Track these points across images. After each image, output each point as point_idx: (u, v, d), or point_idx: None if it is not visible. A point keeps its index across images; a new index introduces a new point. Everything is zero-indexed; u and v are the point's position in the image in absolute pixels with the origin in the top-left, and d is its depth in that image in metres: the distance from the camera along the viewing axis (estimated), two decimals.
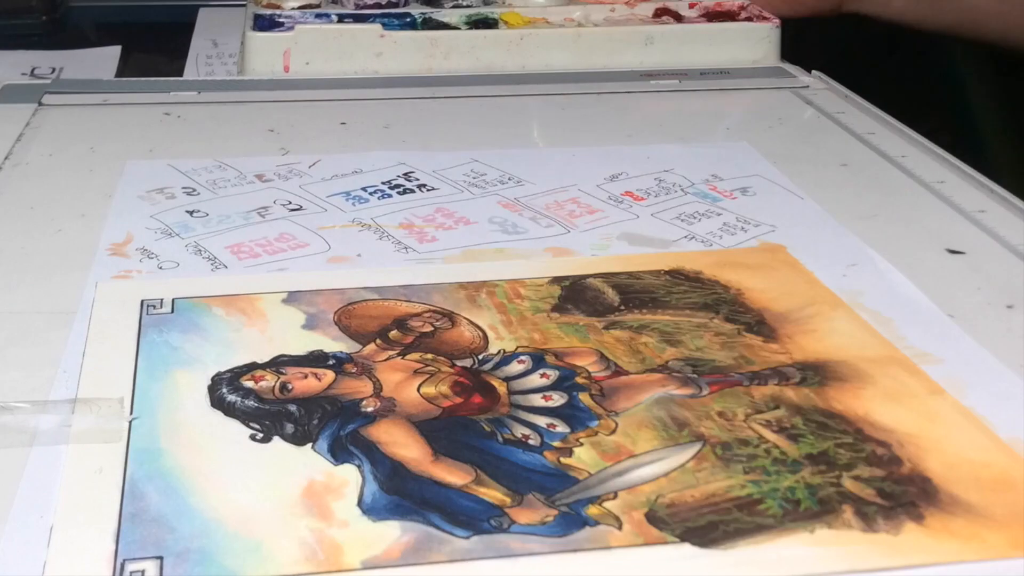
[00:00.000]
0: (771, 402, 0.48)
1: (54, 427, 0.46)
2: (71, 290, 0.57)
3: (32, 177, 0.72)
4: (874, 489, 0.43)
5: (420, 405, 0.48)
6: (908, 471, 0.44)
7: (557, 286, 0.58)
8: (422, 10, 0.98)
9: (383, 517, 0.41)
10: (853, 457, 0.45)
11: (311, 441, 0.45)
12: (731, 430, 0.46)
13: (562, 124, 0.85)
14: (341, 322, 0.54)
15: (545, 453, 0.45)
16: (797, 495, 0.43)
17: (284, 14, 0.97)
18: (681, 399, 0.49)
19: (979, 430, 0.47)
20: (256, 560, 0.39)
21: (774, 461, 0.45)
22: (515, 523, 0.41)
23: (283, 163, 0.74)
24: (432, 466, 0.44)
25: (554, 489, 0.43)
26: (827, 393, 0.49)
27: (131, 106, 0.85)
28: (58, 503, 0.42)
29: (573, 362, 0.51)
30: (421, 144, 0.78)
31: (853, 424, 0.47)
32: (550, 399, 0.49)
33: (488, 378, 0.50)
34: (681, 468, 0.44)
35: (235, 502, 0.42)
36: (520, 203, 0.69)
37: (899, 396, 0.49)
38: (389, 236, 0.64)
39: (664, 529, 0.41)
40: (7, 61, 1.03)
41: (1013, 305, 0.58)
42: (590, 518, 0.41)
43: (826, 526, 0.41)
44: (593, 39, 0.95)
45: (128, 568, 0.39)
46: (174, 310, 0.55)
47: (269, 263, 0.61)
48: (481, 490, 0.43)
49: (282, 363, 0.51)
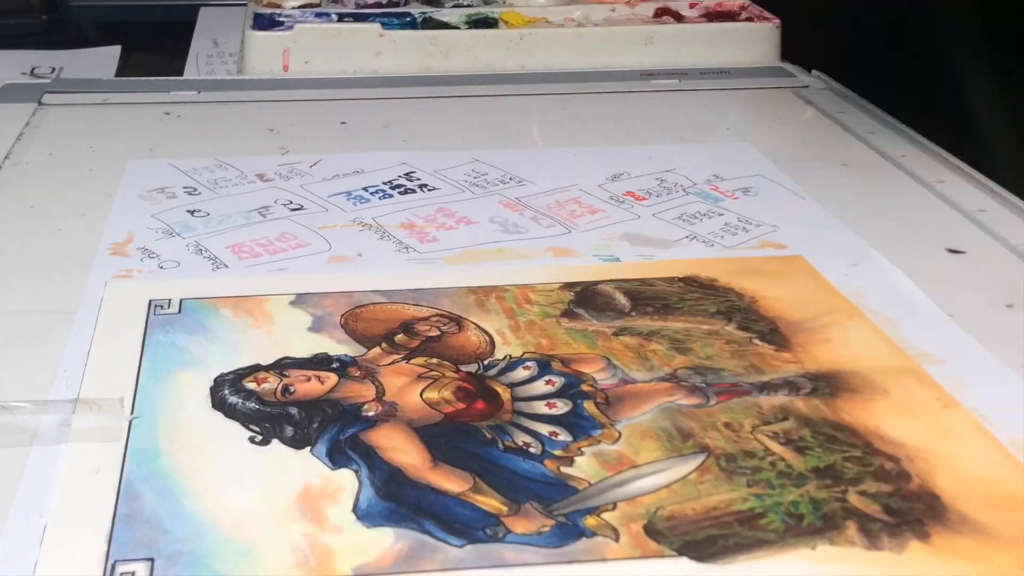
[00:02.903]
0: (780, 413, 0.48)
1: (54, 426, 0.46)
2: (72, 290, 0.57)
3: (32, 176, 0.72)
4: (880, 505, 0.42)
5: (422, 410, 0.48)
6: (916, 487, 0.43)
7: (568, 291, 0.57)
8: (422, 9, 0.98)
9: (378, 524, 0.41)
10: (860, 471, 0.44)
11: (310, 445, 0.45)
12: (737, 441, 0.46)
13: (563, 124, 0.85)
14: (347, 325, 0.54)
15: (546, 462, 0.45)
16: (800, 510, 0.42)
17: (284, 13, 0.97)
18: (687, 409, 0.48)
19: (992, 446, 0.46)
20: (247, 565, 0.39)
21: (779, 474, 0.44)
22: (511, 532, 0.41)
23: (284, 163, 0.74)
24: (430, 472, 0.44)
25: (552, 499, 0.42)
26: (838, 404, 0.48)
27: (131, 105, 0.85)
28: (53, 502, 0.42)
29: (580, 369, 0.51)
30: (421, 144, 0.78)
31: (862, 437, 0.46)
32: (554, 407, 0.48)
33: (492, 384, 0.50)
34: (683, 480, 0.43)
35: (230, 505, 0.42)
36: (521, 203, 0.69)
37: (912, 409, 0.48)
38: (390, 236, 0.64)
39: (662, 542, 0.40)
40: (7, 61, 1.03)
41: (1013, 304, 0.58)
42: (587, 529, 0.41)
43: (828, 542, 0.40)
44: (593, 39, 0.95)
45: (119, 569, 0.39)
46: (181, 310, 0.55)
47: (270, 263, 0.61)
48: (478, 498, 0.42)
49: (286, 365, 0.50)
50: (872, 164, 0.76)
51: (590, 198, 0.70)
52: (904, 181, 0.73)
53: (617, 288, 0.58)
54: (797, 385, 0.50)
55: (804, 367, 0.51)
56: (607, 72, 0.94)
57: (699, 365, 0.51)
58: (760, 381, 0.50)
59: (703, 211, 0.68)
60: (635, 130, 0.82)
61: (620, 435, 0.46)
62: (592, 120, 0.85)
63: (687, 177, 0.73)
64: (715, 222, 0.66)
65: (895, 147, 0.78)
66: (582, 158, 0.76)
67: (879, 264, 0.61)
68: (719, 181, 0.73)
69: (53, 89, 0.87)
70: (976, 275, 0.61)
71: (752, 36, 0.97)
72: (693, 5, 1.02)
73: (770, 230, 0.65)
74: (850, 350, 0.53)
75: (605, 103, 0.88)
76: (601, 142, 0.80)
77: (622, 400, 0.49)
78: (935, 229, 0.66)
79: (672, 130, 0.83)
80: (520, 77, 0.92)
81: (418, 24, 0.96)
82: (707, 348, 0.53)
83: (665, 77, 0.92)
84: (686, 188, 0.71)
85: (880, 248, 0.63)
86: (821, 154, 0.78)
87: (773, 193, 0.71)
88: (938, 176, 0.73)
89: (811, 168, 0.75)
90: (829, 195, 0.70)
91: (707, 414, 0.48)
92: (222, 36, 1.09)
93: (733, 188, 0.71)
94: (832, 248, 0.63)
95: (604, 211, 0.68)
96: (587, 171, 0.74)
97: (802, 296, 0.58)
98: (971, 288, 0.59)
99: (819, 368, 0.51)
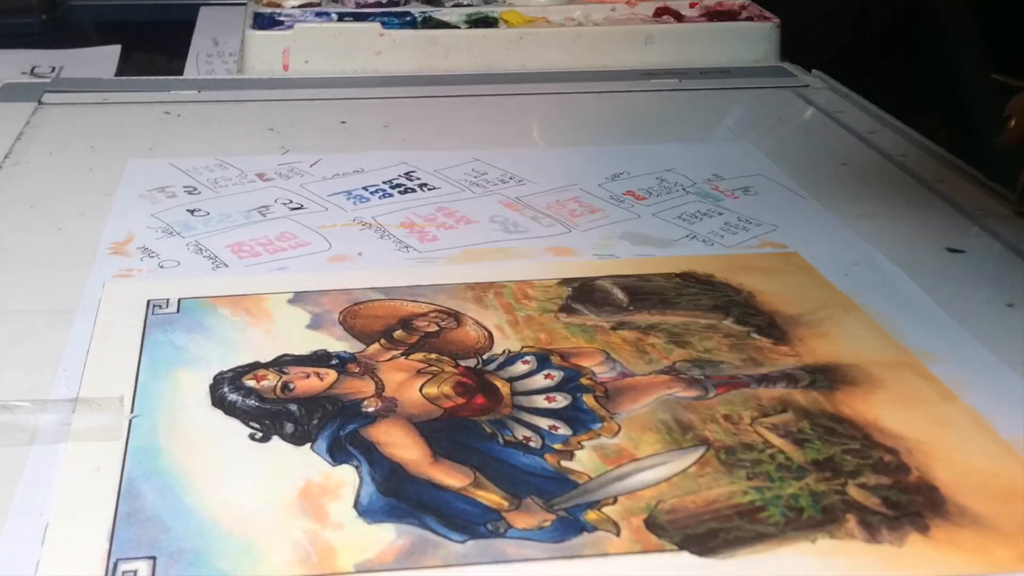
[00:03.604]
0: (779, 405, 0.48)
1: (54, 426, 0.46)
2: (72, 289, 0.57)
3: (32, 176, 0.72)
4: (879, 498, 0.42)
5: (422, 405, 0.48)
6: (916, 479, 0.44)
7: (566, 287, 0.58)
8: (422, 9, 0.98)
9: (379, 519, 0.41)
10: (860, 464, 0.44)
11: (310, 441, 0.45)
12: (736, 434, 0.46)
13: (563, 123, 0.85)
14: (346, 322, 0.54)
15: (546, 456, 0.45)
16: (800, 503, 0.42)
17: (284, 13, 0.97)
18: (687, 401, 0.48)
19: (991, 438, 0.46)
20: (249, 561, 0.39)
21: (779, 467, 0.44)
22: (512, 527, 0.41)
23: (284, 162, 0.74)
24: (431, 468, 0.44)
25: (553, 493, 0.42)
26: (836, 397, 0.49)
27: (131, 105, 0.85)
28: (54, 502, 0.42)
29: (579, 363, 0.51)
30: (421, 143, 0.78)
31: (861, 429, 0.46)
32: (553, 400, 0.48)
33: (492, 378, 0.50)
34: (683, 473, 0.44)
35: (231, 502, 0.42)
36: (521, 202, 0.69)
37: (910, 401, 0.48)
38: (390, 235, 0.64)
39: (663, 536, 0.40)
40: (7, 60, 1.03)
41: (1013, 304, 0.58)
42: (588, 524, 0.41)
43: (828, 535, 0.41)
44: (593, 38, 0.95)
45: (121, 568, 0.39)
46: (179, 310, 0.55)
47: (270, 262, 0.61)
48: (479, 493, 0.42)
49: (285, 362, 0.51)
50: (872, 163, 0.76)
51: (590, 197, 0.70)
52: (904, 180, 0.73)
53: (615, 284, 0.58)
54: (795, 378, 0.50)
55: (802, 360, 0.51)
56: (607, 72, 0.94)
57: (698, 358, 0.52)
58: (759, 374, 0.50)
59: (703, 210, 0.68)
60: (635, 129, 0.82)
61: (620, 428, 0.46)
62: (592, 120, 0.85)
63: (687, 176, 0.73)
64: (715, 221, 0.66)
65: (895, 146, 0.78)
66: (582, 157, 0.76)
67: (879, 263, 0.61)
68: (719, 180, 0.73)
69: (53, 88, 0.87)
70: (976, 274, 0.61)
71: (752, 35, 0.97)
72: (693, 4, 1.02)
73: (770, 229, 0.65)
74: (847, 344, 0.53)
75: (605, 103, 0.88)
76: (601, 141, 0.80)
77: (621, 393, 0.49)
78: (935, 229, 0.66)
79: (672, 129, 0.83)
80: (520, 77, 0.92)
81: (418, 23, 0.96)
82: (705, 342, 0.53)
83: (665, 76, 0.92)
84: (686, 187, 0.71)
85: (880, 248, 0.63)
86: (821, 153, 0.78)
87: (773, 192, 0.71)
88: (938, 176, 0.73)
89: (811, 167, 0.75)
90: (829, 194, 0.70)
91: (706, 406, 0.48)
92: (222, 35, 1.09)
93: (733, 187, 0.71)
94: (832, 247, 0.63)
95: (604, 210, 0.68)
96: (587, 170, 0.74)
97: (799, 291, 0.58)
98: (971, 288, 0.59)
99: (817, 361, 0.51)
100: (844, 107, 0.87)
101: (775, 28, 0.98)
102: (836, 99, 0.89)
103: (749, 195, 0.70)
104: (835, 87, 0.91)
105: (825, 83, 0.92)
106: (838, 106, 0.87)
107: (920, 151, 0.77)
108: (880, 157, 0.77)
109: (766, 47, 0.97)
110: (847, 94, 0.89)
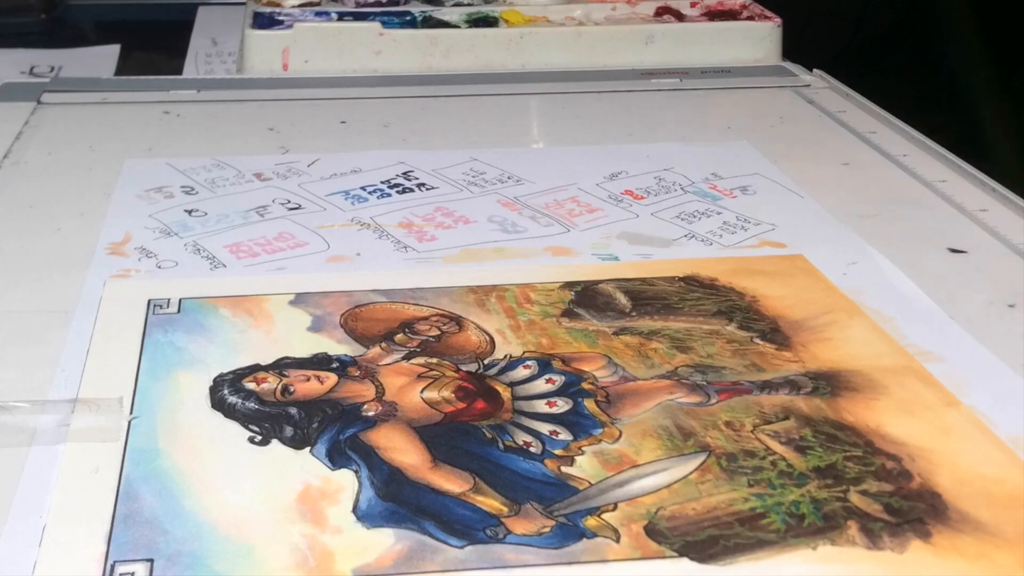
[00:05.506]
0: (781, 412, 0.48)
1: (53, 427, 0.46)
2: (70, 289, 0.57)
3: (31, 176, 0.72)
4: (881, 505, 0.42)
5: (422, 410, 0.48)
6: (918, 486, 0.43)
7: (568, 291, 0.57)
8: (422, 8, 0.98)
9: (378, 524, 0.41)
10: (862, 471, 0.44)
11: (309, 445, 0.45)
12: (738, 441, 0.46)
13: (562, 123, 0.85)
14: (347, 325, 0.54)
15: (546, 461, 0.44)
16: (801, 509, 0.42)
17: (284, 12, 0.96)
18: (688, 407, 0.48)
19: (993, 444, 0.46)
20: (246, 565, 0.39)
21: (780, 474, 0.44)
22: (511, 533, 0.40)
23: (282, 162, 0.74)
24: (430, 473, 0.44)
25: (553, 499, 0.42)
26: (839, 404, 0.48)
27: (130, 105, 0.85)
28: (52, 503, 0.42)
29: (580, 367, 0.51)
30: (421, 143, 0.78)
31: (864, 436, 0.46)
32: (554, 405, 0.48)
33: (492, 383, 0.50)
34: (684, 480, 0.43)
35: (229, 505, 0.42)
36: (520, 202, 0.69)
37: (913, 408, 0.48)
38: (388, 235, 0.64)
39: (663, 543, 0.40)
40: (6, 59, 1.03)
41: (1014, 304, 0.57)
42: (588, 530, 0.41)
43: (829, 543, 0.40)
44: (594, 38, 0.95)
45: (118, 570, 0.38)
46: (180, 310, 0.55)
47: (268, 262, 0.60)
48: (479, 498, 0.42)
49: (285, 365, 0.50)
50: (873, 163, 0.76)
51: (588, 197, 0.70)
52: (905, 180, 0.73)
53: (618, 288, 0.58)
54: (798, 384, 0.50)
55: (805, 366, 0.51)
56: (607, 71, 0.94)
57: (700, 364, 0.51)
58: (761, 380, 0.50)
59: (701, 210, 0.68)
60: (635, 129, 0.82)
61: (621, 433, 0.46)
62: (592, 119, 0.84)
63: (686, 176, 0.73)
64: (713, 221, 0.66)
65: (896, 146, 0.78)
66: (580, 157, 0.76)
67: (878, 263, 0.61)
68: (717, 180, 0.72)
69: (52, 88, 0.87)
70: (977, 275, 0.61)
71: (753, 35, 0.97)
72: (694, 4, 1.01)
73: (768, 228, 0.65)
74: (851, 349, 0.52)
75: (605, 102, 0.88)
76: (600, 141, 0.80)
77: (623, 398, 0.49)
78: (936, 228, 0.66)
79: (673, 129, 0.83)
80: (520, 76, 0.92)
81: (418, 23, 0.96)
82: (708, 347, 0.53)
83: (666, 76, 0.92)
84: (684, 187, 0.71)
85: (881, 247, 0.63)
86: (822, 153, 0.78)
87: (772, 192, 0.71)
88: (939, 175, 0.73)
89: (811, 167, 0.75)
90: (829, 194, 0.70)
91: (708, 413, 0.48)
92: (221, 35, 1.09)
93: (731, 187, 0.71)
94: (830, 246, 0.63)
95: (602, 210, 0.68)
96: (585, 170, 0.74)
97: (803, 295, 0.57)
98: (972, 288, 0.59)
99: (820, 367, 0.51)
100: (845, 107, 0.86)
101: (776, 28, 0.97)
102: (837, 99, 0.88)
103: (747, 194, 0.70)
104: (836, 87, 0.91)
105: (826, 83, 0.92)
106: (839, 106, 0.87)
107: (921, 150, 0.77)
108: (881, 157, 0.77)
109: (767, 47, 0.97)
110: (848, 94, 0.89)
